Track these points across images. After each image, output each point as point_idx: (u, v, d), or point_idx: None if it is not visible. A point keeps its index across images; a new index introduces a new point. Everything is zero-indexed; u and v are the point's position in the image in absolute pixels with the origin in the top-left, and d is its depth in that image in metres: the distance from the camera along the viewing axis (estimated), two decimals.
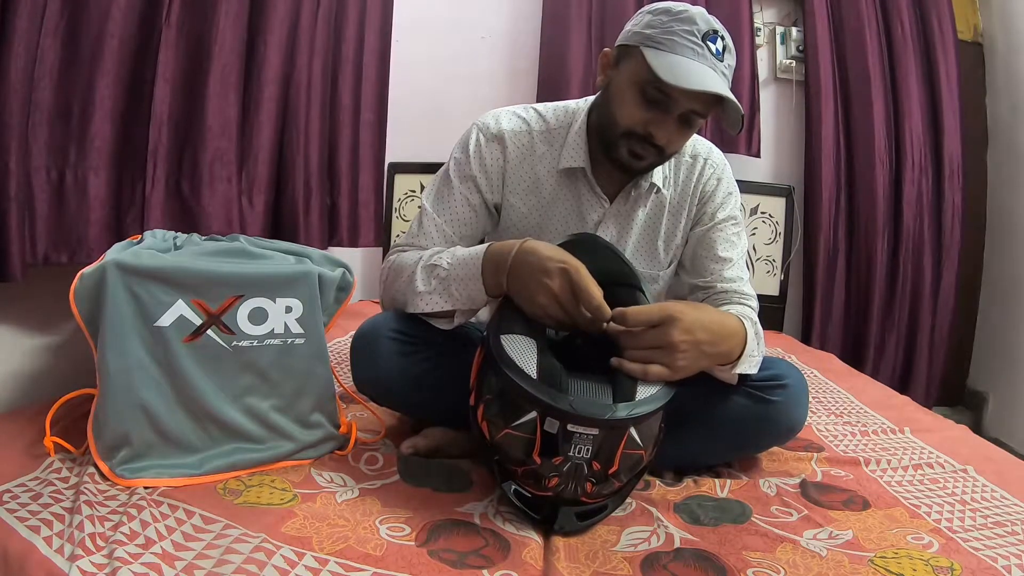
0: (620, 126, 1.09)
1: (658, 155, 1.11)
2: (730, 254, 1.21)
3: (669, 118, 1.06)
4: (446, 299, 1.05)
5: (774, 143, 2.53)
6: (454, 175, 1.21)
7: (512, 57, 2.47)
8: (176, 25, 1.38)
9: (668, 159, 1.17)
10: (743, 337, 1.02)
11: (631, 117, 1.07)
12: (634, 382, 0.89)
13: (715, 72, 1.03)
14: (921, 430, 1.37)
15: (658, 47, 1.03)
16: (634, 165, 1.12)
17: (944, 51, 2.37)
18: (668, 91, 1.03)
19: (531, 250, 0.97)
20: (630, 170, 1.14)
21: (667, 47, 1.03)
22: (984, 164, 2.53)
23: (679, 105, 1.05)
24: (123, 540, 0.78)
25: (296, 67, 1.69)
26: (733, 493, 1.06)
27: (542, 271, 0.93)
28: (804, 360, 1.94)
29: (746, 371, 1.04)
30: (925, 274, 2.41)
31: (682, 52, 1.02)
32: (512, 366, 0.87)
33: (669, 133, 1.07)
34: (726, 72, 1.05)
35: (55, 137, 1.24)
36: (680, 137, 1.10)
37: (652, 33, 1.04)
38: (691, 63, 1.01)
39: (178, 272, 0.97)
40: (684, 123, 1.08)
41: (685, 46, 1.02)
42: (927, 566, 0.85)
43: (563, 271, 0.93)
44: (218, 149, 1.47)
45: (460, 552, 0.83)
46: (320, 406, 1.09)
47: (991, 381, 2.48)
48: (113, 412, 0.95)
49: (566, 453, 0.85)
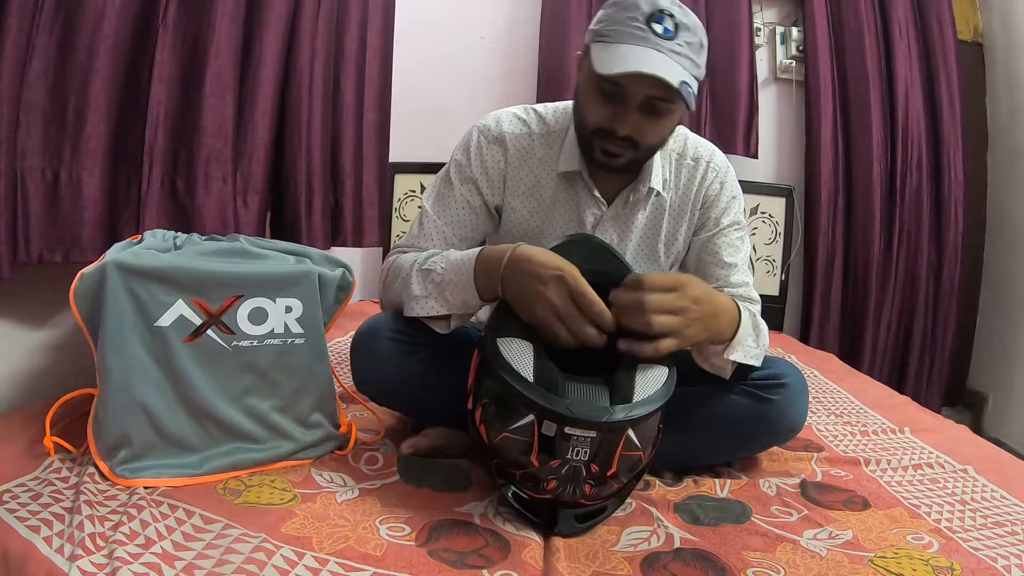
0: (588, 125, 1.09)
1: (633, 149, 1.08)
2: (735, 259, 1.21)
3: (628, 110, 1.04)
4: (441, 304, 1.05)
5: (774, 143, 2.53)
6: (455, 177, 1.20)
7: (512, 57, 2.47)
8: (172, 25, 1.38)
9: (652, 152, 1.14)
10: (735, 316, 1.02)
11: (594, 115, 1.07)
12: (632, 384, 0.88)
13: (661, 53, 0.99)
14: (921, 430, 1.37)
15: (604, 40, 1.03)
16: (610, 164, 1.10)
17: (944, 52, 2.37)
18: (616, 82, 1.01)
19: (524, 257, 0.95)
20: (609, 169, 1.13)
21: (612, 38, 1.02)
22: (984, 164, 2.53)
23: (633, 95, 1.02)
24: (123, 540, 0.78)
25: (297, 67, 1.69)
26: (733, 493, 1.06)
27: (537, 279, 0.92)
28: (804, 360, 1.94)
29: (740, 359, 1.03)
30: (923, 275, 2.41)
31: (625, 40, 1.00)
32: (509, 369, 0.86)
33: (633, 125, 1.05)
34: (679, 49, 1.00)
35: (49, 137, 1.24)
36: (650, 126, 1.07)
37: (600, 28, 1.04)
38: (632, 49, 0.99)
39: (178, 272, 0.97)
40: (649, 112, 1.05)
41: (628, 33, 1.00)
42: (927, 566, 0.85)
43: (559, 279, 0.91)
44: (213, 149, 1.47)
45: (460, 552, 0.83)
46: (320, 406, 1.09)
47: (991, 381, 2.48)
48: (113, 412, 0.95)
49: (564, 456, 0.85)
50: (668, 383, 0.90)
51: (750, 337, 1.05)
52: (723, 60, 2.35)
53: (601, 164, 1.11)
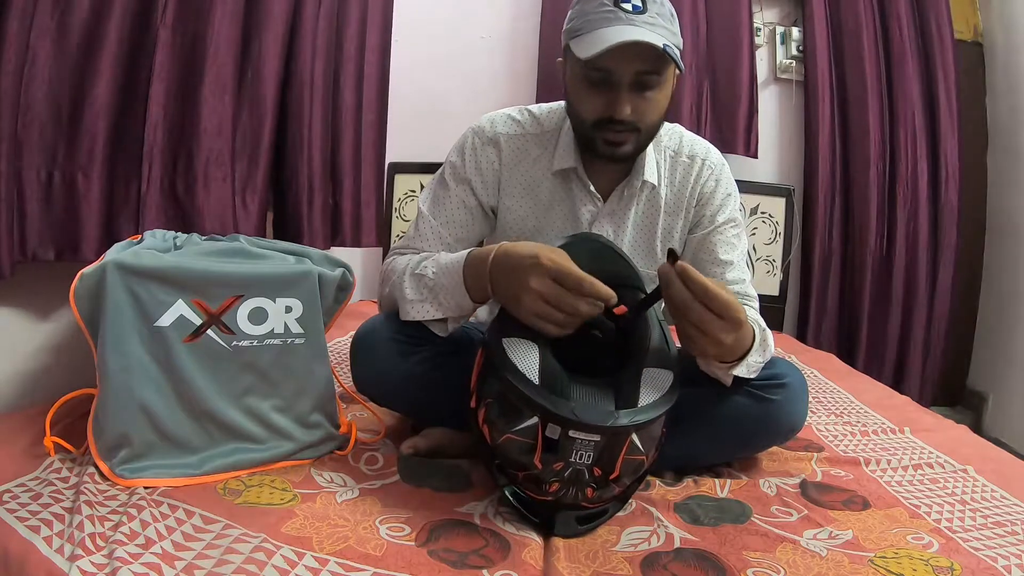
0: (586, 120, 1.10)
1: (635, 132, 1.09)
2: (731, 256, 1.21)
3: (620, 91, 1.05)
4: (436, 307, 1.05)
5: (775, 143, 2.53)
6: (450, 178, 1.21)
7: (511, 57, 2.47)
8: (172, 26, 1.38)
9: (650, 134, 1.14)
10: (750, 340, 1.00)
11: (589, 107, 1.08)
12: (636, 387, 0.87)
13: (634, 26, 1.01)
14: (921, 430, 1.37)
15: (579, 33, 1.05)
16: (616, 153, 1.11)
17: (942, 53, 2.37)
18: (600, 65, 1.03)
19: (505, 253, 0.95)
20: (615, 159, 1.13)
21: (585, 29, 1.04)
22: (984, 164, 2.53)
23: (621, 74, 1.04)
24: (123, 540, 0.78)
25: (298, 67, 1.69)
26: (733, 493, 1.06)
27: (518, 270, 0.91)
28: (804, 360, 1.94)
29: (742, 375, 1.03)
30: (920, 275, 2.41)
31: (598, 25, 1.02)
32: (514, 371, 0.86)
33: (630, 105, 1.06)
34: (651, 21, 1.02)
35: (47, 137, 1.24)
36: (646, 104, 1.08)
37: (572, 25, 1.07)
38: (606, 31, 1.01)
39: (178, 272, 0.98)
40: (641, 88, 1.06)
41: (599, 19, 1.03)
42: (927, 566, 0.84)
43: (535, 264, 0.89)
44: (212, 149, 1.47)
45: (460, 552, 0.83)
46: (320, 406, 1.09)
47: (991, 381, 2.48)
48: (113, 412, 0.95)
49: (567, 459, 0.84)
50: (673, 388, 0.90)
51: (757, 354, 1.04)
52: (723, 60, 2.34)
53: (607, 156, 1.12)
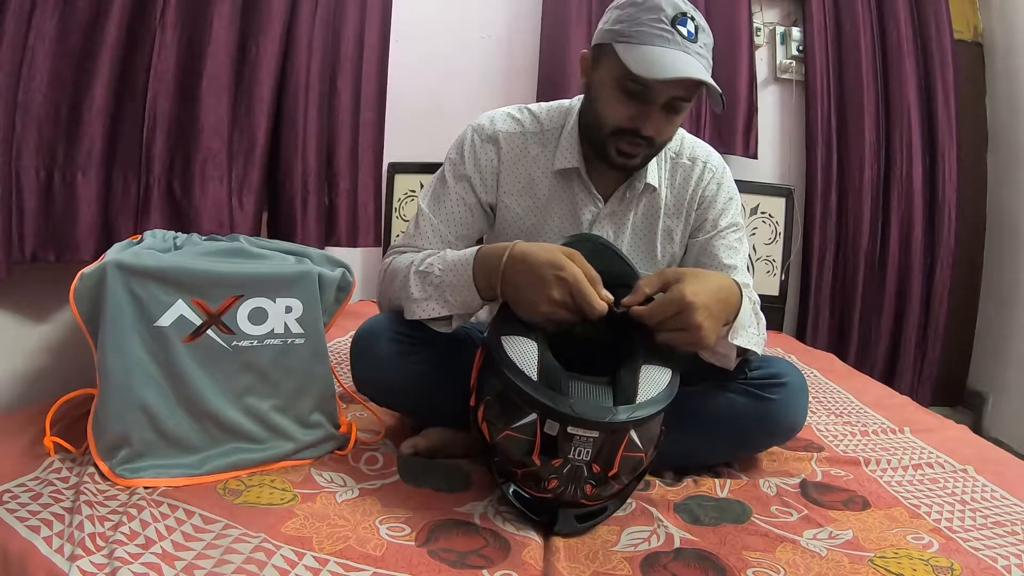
0: (607, 126, 1.09)
1: (649, 147, 1.10)
2: (734, 261, 1.21)
3: (653, 109, 1.06)
4: (442, 305, 1.04)
5: (775, 143, 2.53)
6: (449, 175, 1.21)
7: (512, 57, 2.47)
8: (169, 26, 1.38)
9: (660, 150, 1.15)
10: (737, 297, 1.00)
11: (616, 115, 1.08)
12: (635, 384, 0.88)
13: (689, 55, 1.01)
14: (921, 430, 1.37)
15: (629, 41, 1.03)
16: (627, 164, 1.12)
17: (941, 52, 2.38)
18: (646, 83, 1.02)
19: (523, 256, 0.94)
20: (624, 168, 1.14)
21: (637, 39, 1.02)
22: (984, 164, 2.53)
23: (660, 95, 1.04)
24: (123, 540, 0.78)
25: (294, 67, 1.69)
26: (733, 493, 1.06)
27: (539, 280, 0.91)
28: (804, 360, 1.94)
29: (745, 344, 1.02)
30: (916, 275, 2.41)
31: (653, 41, 1.01)
32: (513, 368, 0.86)
33: (656, 124, 1.07)
34: (701, 51, 1.03)
35: (45, 137, 1.23)
36: (668, 126, 1.10)
37: (621, 28, 1.05)
38: (664, 51, 1.01)
39: (178, 272, 0.97)
40: (670, 111, 1.07)
41: (655, 35, 1.01)
42: (927, 566, 0.85)
43: (560, 281, 0.90)
44: (210, 149, 1.47)
45: (460, 552, 0.83)
46: (320, 406, 1.09)
47: (991, 381, 2.48)
48: (113, 412, 0.95)
49: (566, 455, 0.85)
50: (671, 384, 0.90)
51: (752, 324, 1.04)
52: (723, 60, 2.34)
53: (616, 164, 1.12)
